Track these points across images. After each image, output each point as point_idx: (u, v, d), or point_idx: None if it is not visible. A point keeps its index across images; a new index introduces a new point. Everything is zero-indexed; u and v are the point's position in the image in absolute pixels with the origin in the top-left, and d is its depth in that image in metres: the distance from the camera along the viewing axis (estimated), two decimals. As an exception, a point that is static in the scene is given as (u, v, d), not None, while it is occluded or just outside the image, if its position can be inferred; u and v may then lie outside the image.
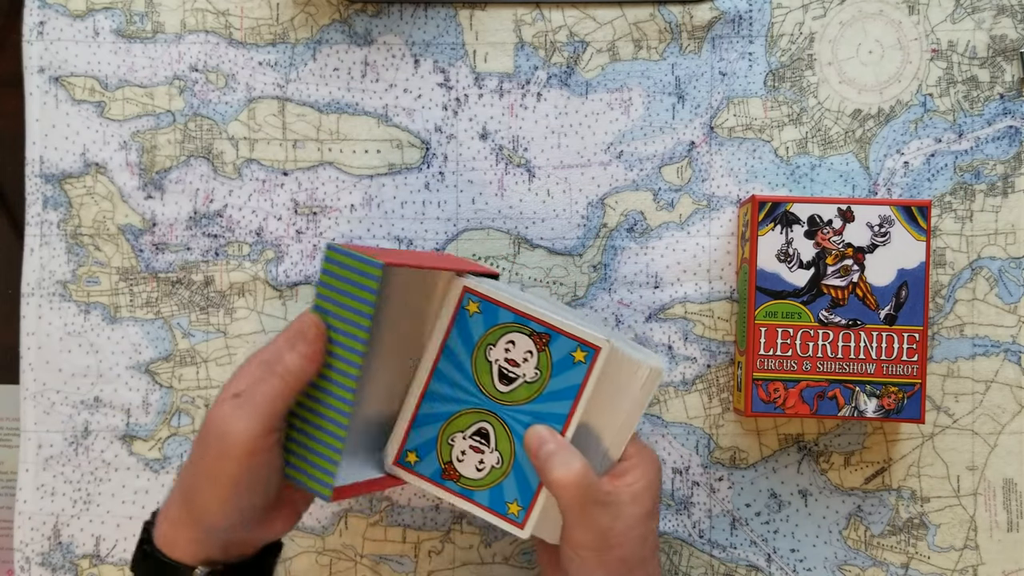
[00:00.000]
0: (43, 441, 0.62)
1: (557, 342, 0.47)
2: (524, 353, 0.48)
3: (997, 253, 0.62)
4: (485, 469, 0.51)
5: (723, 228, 0.62)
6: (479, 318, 0.47)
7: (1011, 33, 0.62)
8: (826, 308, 0.57)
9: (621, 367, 0.48)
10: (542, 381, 0.48)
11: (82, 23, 0.62)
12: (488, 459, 0.51)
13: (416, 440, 0.51)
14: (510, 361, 0.48)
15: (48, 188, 0.62)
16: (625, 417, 0.50)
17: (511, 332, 0.48)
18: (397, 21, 0.63)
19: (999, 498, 0.61)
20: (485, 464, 0.51)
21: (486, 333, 0.48)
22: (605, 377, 0.48)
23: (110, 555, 0.62)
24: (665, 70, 0.62)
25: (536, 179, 0.62)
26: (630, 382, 0.49)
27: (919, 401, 0.56)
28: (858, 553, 0.61)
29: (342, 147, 0.63)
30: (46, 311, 0.62)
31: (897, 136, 0.62)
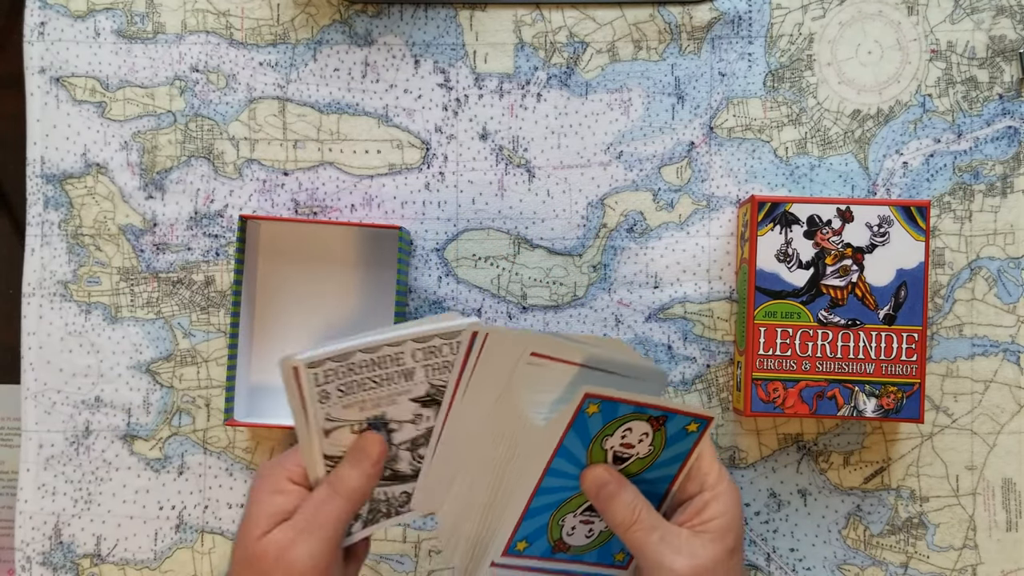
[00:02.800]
0: (44, 441, 0.62)
1: (673, 420, 0.46)
2: (640, 435, 0.47)
3: (996, 253, 0.62)
4: (594, 535, 0.50)
5: (722, 228, 0.62)
6: (597, 416, 0.45)
7: (1010, 33, 0.62)
8: (825, 308, 0.57)
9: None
10: (655, 455, 0.48)
11: (83, 23, 0.63)
12: (597, 526, 0.50)
13: (527, 529, 0.49)
14: (625, 445, 0.47)
15: (49, 188, 0.62)
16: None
17: (629, 421, 0.46)
18: (397, 22, 0.63)
19: (998, 498, 0.61)
20: (594, 531, 0.50)
21: (604, 427, 0.46)
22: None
23: (111, 554, 0.62)
24: (665, 71, 0.62)
25: (536, 179, 0.63)
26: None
27: (918, 401, 0.56)
28: (857, 552, 0.61)
29: (342, 147, 0.63)
30: (47, 311, 0.62)
31: (896, 136, 0.62)
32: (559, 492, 0.48)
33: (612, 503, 0.46)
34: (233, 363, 0.59)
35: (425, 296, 0.62)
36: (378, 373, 0.46)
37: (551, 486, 0.48)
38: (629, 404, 0.45)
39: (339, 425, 0.46)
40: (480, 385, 0.46)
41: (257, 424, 0.59)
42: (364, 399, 0.46)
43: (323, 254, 0.62)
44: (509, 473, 0.49)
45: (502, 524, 0.49)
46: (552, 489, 0.48)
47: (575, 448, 0.46)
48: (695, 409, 0.46)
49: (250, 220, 0.59)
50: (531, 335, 0.46)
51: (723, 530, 0.46)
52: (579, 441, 0.46)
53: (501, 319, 0.62)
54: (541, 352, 0.46)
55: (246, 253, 0.60)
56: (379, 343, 0.45)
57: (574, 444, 0.46)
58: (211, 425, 0.62)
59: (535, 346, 0.46)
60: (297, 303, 0.62)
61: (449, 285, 0.62)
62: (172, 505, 0.62)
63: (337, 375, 0.45)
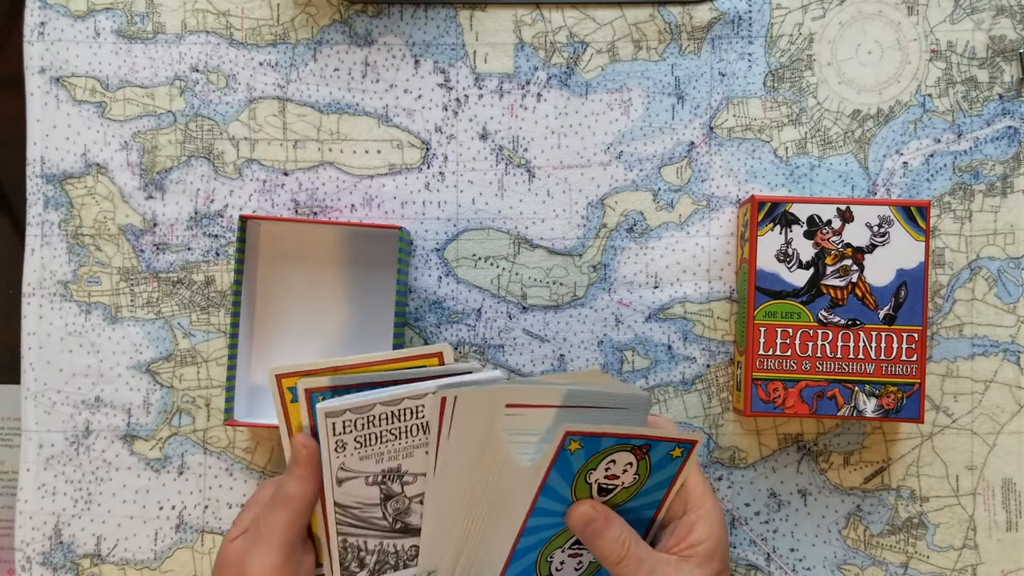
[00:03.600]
0: (44, 441, 0.62)
1: (656, 448, 0.46)
2: (624, 466, 0.46)
3: (996, 253, 0.62)
4: (583, 567, 0.50)
5: (722, 228, 0.62)
6: (580, 453, 0.45)
7: (1010, 33, 0.62)
8: (825, 308, 0.57)
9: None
10: (640, 483, 0.47)
11: (83, 24, 0.63)
12: (586, 559, 0.50)
13: (514, 571, 0.49)
14: (610, 477, 0.47)
15: (49, 188, 0.62)
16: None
17: (612, 453, 0.46)
18: (397, 22, 0.63)
19: (998, 498, 0.61)
20: (583, 563, 0.50)
21: (587, 462, 0.46)
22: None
23: (111, 554, 0.62)
24: (665, 71, 0.62)
25: (536, 179, 0.63)
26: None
27: (918, 401, 0.56)
28: (857, 552, 0.61)
29: (342, 147, 0.63)
30: (47, 311, 0.62)
31: (896, 136, 0.62)
32: (545, 530, 0.48)
33: (600, 539, 0.46)
34: (233, 363, 0.59)
35: (425, 296, 0.62)
36: (396, 426, 0.46)
37: (537, 525, 0.47)
38: (611, 437, 0.45)
39: (353, 476, 0.47)
40: (460, 442, 0.47)
41: (257, 424, 0.59)
42: (381, 451, 0.47)
43: (323, 254, 0.62)
44: (493, 518, 0.48)
45: (490, 567, 0.49)
46: (538, 528, 0.48)
47: (559, 486, 0.46)
48: (678, 434, 0.46)
49: (250, 220, 0.59)
50: (503, 389, 0.46)
51: (709, 554, 0.46)
52: (562, 479, 0.46)
53: (501, 319, 0.62)
54: (516, 402, 0.46)
55: (246, 253, 0.60)
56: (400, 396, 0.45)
57: (557, 482, 0.46)
58: (211, 425, 0.62)
59: (509, 398, 0.46)
60: (297, 303, 0.62)
61: (449, 285, 0.62)
62: (172, 505, 0.62)
63: (356, 427, 0.46)
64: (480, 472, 0.48)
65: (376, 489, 0.48)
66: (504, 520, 0.48)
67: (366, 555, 0.50)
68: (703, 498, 0.48)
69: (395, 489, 0.48)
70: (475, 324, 0.62)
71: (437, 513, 0.49)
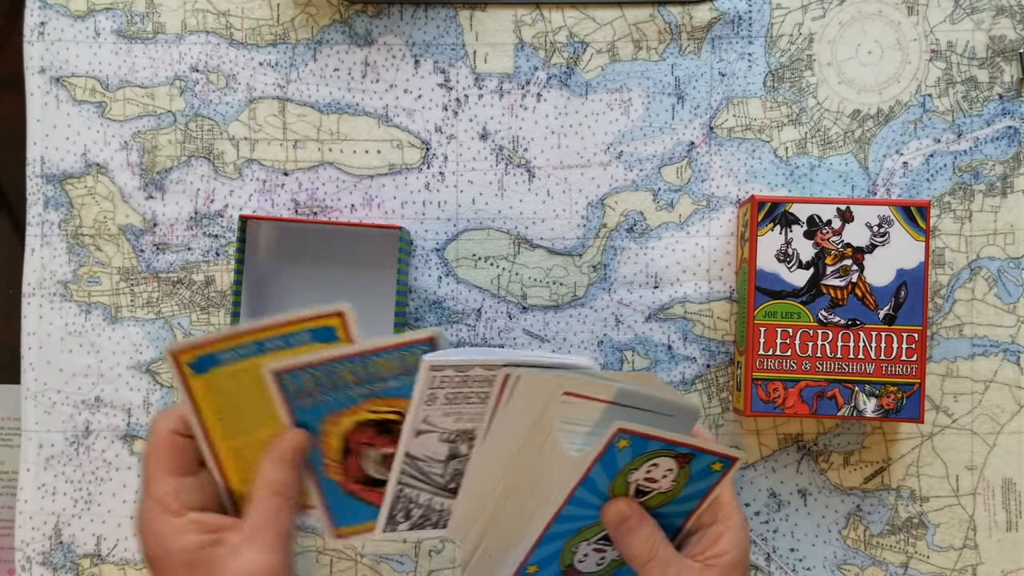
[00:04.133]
0: (44, 441, 0.62)
1: (699, 458, 0.47)
2: (665, 471, 0.47)
3: (996, 253, 0.62)
4: (605, 563, 0.51)
5: (722, 228, 0.62)
6: (627, 451, 0.45)
7: (1010, 33, 0.62)
8: (825, 308, 0.57)
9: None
10: (676, 490, 0.48)
11: (83, 24, 0.63)
12: (609, 555, 0.50)
13: (539, 555, 0.49)
14: (649, 479, 0.47)
15: (49, 188, 0.62)
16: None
17: (656, 457, 0.46)
18: (397, 22, 0.63)
19: (998, 498, 0.61)
20: (605, 559, 0.50)
21: (631, 461, 0.46)
22: None
23: (111, 554, 0.62)
24: (665, 71, 0.62)
25: (536, 179, 0.63)
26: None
27: (918, 401, 0.56)
28: (857, 552, 0.61)
29: (342, 147, 0.63)
30: (47, 311, 0.62)
31: (896, 136, 0.62)
32: (577, 520, 0.48)
33: (631, 537, 0.47)
34: None
35: (425, 296, 0.62)
36: (486, 390, 0.46)
37: (571, 514, 0.48)
38: (659, 441, 0.45)
39: (431, 430, 0.47)
40: (511, 420, 0.47)
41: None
42: (462, 412, 0.47)
43: (323, 254, 0.62)
44: (531, 499, 0.49)
45: (517, 547, 0.50)
46: (571, 517, 0.48)
47: (600, 480, 0.47)
48: (722, 449, 0.47)
49: (250, 220, 0.59)
50: (564, 376, 0.46)
51: (732, 565, 0.47)
52: (604, 474, 0.46)
53: (501, 319, 0.62)
54: (573, 391, 0.47)
55: (246, 253, 0.60)
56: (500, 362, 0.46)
57: (599, 476, 0.46)
58: (211, 425, 0.62)
59: (568, 386, 0.46)
60: (297, 303, 0.62)
61: (449, 285, 0.63)
62: (172, 505, 0.62)
63: (452, 383, 0.46)
64: (525, 453, 0.48)
65: (446, 446, 0.48)
66: (540, 504, 0.48)
67: (414, 508, 0.50)
68: (732, 511, 0.49)
69: (462, 450, 0.48)
70: (475, 324, 0.62)
71: (475, 485, 0.50)
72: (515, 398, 0.46)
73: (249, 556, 0.44)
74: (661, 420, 0.47)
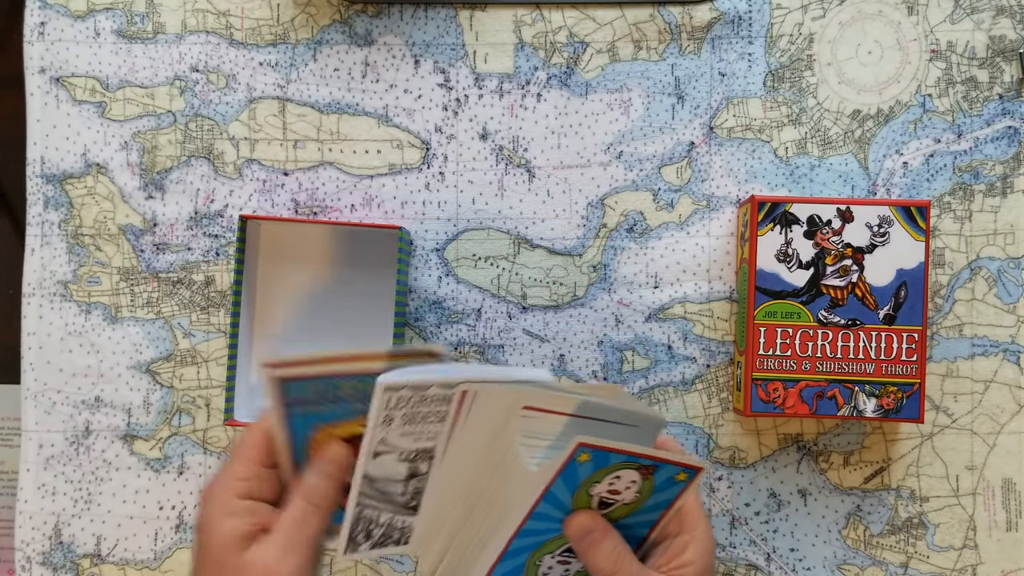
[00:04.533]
0: (44, 441, 0.62)
1: (662, 469, 0.46)
2: (628, 483, 0.46)
3: (996, 253, 0.62)
4: (570, 574, 0.50)
5: (722, 228, 0.62)
6: (588, 464, 0.45)
7: (1010, 33, 0.62)
8: (825, 308, 0.57)
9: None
10: (640, 501, 0.47)
11: (83, 24, 0.63)
12: (573, 567, 0.50)
13: (503, 569, 0.49)
14: (612, 492, 0.47)
15: (49, 188, 0.62)
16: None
17: (619, 469, 0.46)
18: (397, 22, 0.63)
19: (998, 498, 0.61)
20: (570, 571, 0.50)
21: (593, 474, 0.46)
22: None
23: (111, 554, 0.62)
24: (665, 71, 0.62)
25: (536, 179, 0.63)
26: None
27: (918, 401, 0.56)
28: (857, 552, 0.61)
29: (342, 147, 0.63)
30: (47, 311, 0.62)
31: (896, 136, 0.62)
32: (540, 535, 0.48)
33: (595, 550, 0.46)
34: (233, 363, 0.59)
35: (425, 296, 0.62)
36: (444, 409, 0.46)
37: (533, 528, 0.48)
38: (621, 453, 0.45)
39: (388, 451, 0.47)
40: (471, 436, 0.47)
41: None
42: (421, 431, 0.47)
43: (323, 254, 0.62)
44: (492, 514, 0.49)
45: (480, 562, 0.49)
46: (534, 531, 0.48)
47: (561, 494, 0.46)
48: (686, 459, 0.46)
49: (250, 220, 0.59)
50: (523, 391, 0.46)
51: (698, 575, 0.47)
52: (566, 487, 0.46)
53: (501, 319, 0.62)
54: (533, 405, 0.46)
55: (246, 253, 0.60)
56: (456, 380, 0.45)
57: (560, 490, 0.46)
58: (211, 425, 0.62)
59: (527, 400, 0.46)
60: (297, 303, 0.62)
61: (449, 285, 0.63)
62: (172, 505, 0.62)
63: (409, 403, 0.45)
64: (485, 468, 0.48)
65: (405, 466, 0.48)
66: (501, 519, 0.48)
67: (375, 528, 0.50)
68: (697, 521, 0.48)
69: (422, 469, 0.48)
70: (475, 324, 0.62)
71: (435, 501, 0.49)
72: (474, 413, 0.46)
73: (264, 551, 0.45)
74: (625, 431, 0.47)
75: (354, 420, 0.49)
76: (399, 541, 0.51)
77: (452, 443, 0.47)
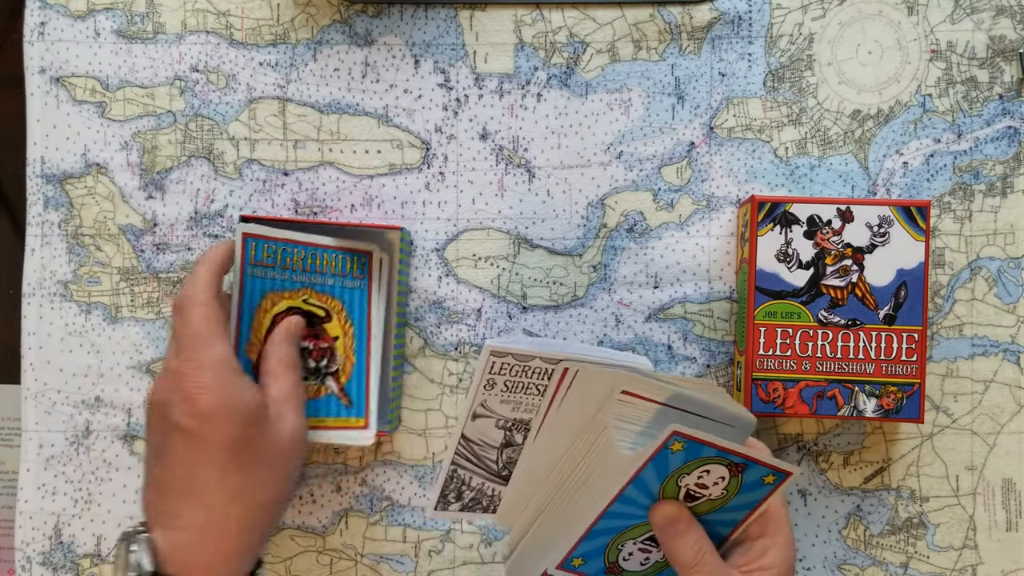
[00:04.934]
0: (44, 441, 0.62)
1: (751, 469, 0.46)
2: (716, 478, 0.47)
3: (996, 253, 0.62)
4: (649, 563, 0.51)
5: (723, 228, 0.62)
6: (680, 454, 0.45)
7: (1010, 34, 0.62)
8: (825, 308, 0.57)
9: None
10: (726, 499, 0.48)
11: (83, 24, 0.63)
12: (653, 556, 0.50)
13: (585, 548, 0.50)
14: (700, 485, 0.47)
15: (49, 188, 0.62)
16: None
17: (709, 463, 0.46)
18: (397, 22, 0.63)
19: (998, 498, 0.61)
20: (650, 560, 0.51)
21: (684, 465, 0.46)
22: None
23: (111, 554, 0.62)
24: (665, 71, 0.62)
25: (536, 179, 0.63)
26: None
27: (918, 401, 0.56)
28: (857, 552, 0.61)
29: (342, 147, 0.63)
30: (47, 311, 0.62)
31: (896, 136, 0.62)
32: (625, 519, 0.49)
33: (678, 541, 0.47)
34: None
35: (425, 296, 0.62)
36: (544, 383, 0.47)
37: (619, 512, 0.48)
38: (713, 447, 0.45)
39: (488, 415, 0.49)
40: (568, 413, 0.48)
41: None
42: (520, 401, 0.48)
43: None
44: (581, 493, 0.49)
45: (564, 538, 0.50)
46: (619, 515, 0.48)
47: (650, 481, 0.47)
48: (776, 462, 0.46)
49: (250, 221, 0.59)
50: (623, 374, 0.47)
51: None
52: (656, 475, 0.46)
53: (501, 319, 0.62)
54: (631, 391, 0.47)
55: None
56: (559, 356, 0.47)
57: (650, 477, 0.47)
58: (211, 425, 0.62)
59: (625, 384, 0.47)
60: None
61: (449, 285, 0.63)
62: (172, 505, 0.62)
63: (512, 372, 0.47)
64: (579, 448, 0.49)
65: (502, 433, 0.49)
66: (590, 498, 0.49)
67: (466, 490, 0.51)
68: (781, 526, 0.48)
69: (517, 439, 0.49)
70: (475, 324, 0.62)
71: (527, 475, 0.50)
72: (573, 391, 0.47)
73: (292, 419, 0.51)
74: (717, 427, 0.47)
75: (298, 292, 0.56)
76: (487, 508, 0.52)
77: (548, 419, 0.48)
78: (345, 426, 0.57)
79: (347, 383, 0.57)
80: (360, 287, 0.58)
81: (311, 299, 0.56)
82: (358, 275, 0.58)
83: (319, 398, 0.56)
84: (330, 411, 0.57)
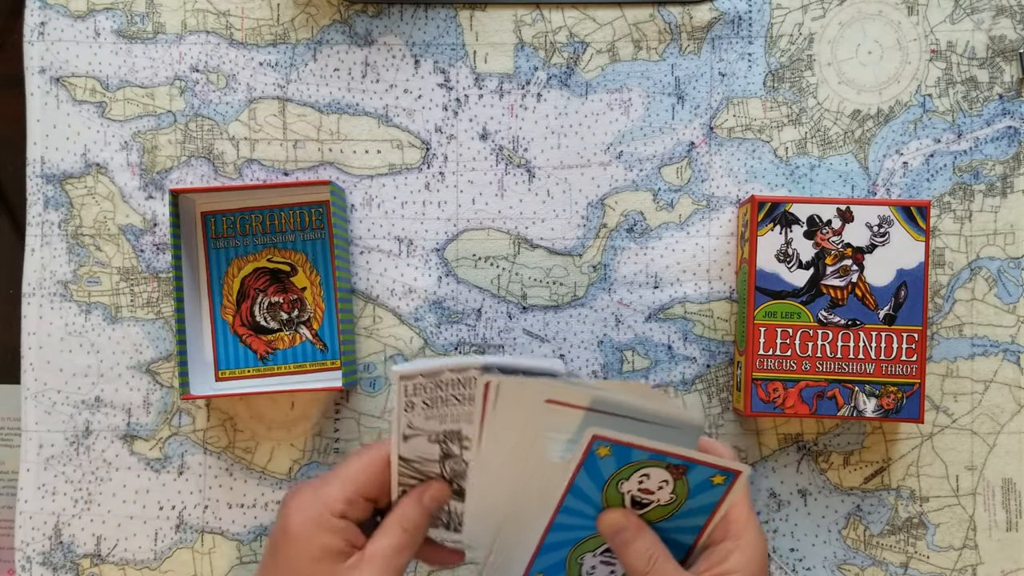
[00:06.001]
0: (44, 441, 0.62)
1: (695, 470, 0.45)
2: (659, 483, 0.46)
3: (996, 253, 0.62)
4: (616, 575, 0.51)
5: (722, 228, 0.62)
6: (610, 459, 0.45)
7: (1010, 34, 0.62)
8: (825, 308, 0.57)
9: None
10: (677, 503, 0.47)
11: (83, 24, 0.63)
12: (619, 569, 0.50)
13: (543, 564, 0.49)
14: (644, 491, 0.46)
15: (49, 188, 0.62)
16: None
17: (645, 467, 0.45)
18: (397, 22, 0.63)
19: (998, 498, 0.61)
20: (616, 572, 0.50)
21: (618, 471, 0.45)
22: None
23: (111, 554, 0.62)
24: (665, 71, 0.62)
25: (536, 179, 0.63)
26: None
27: (918, 401, 0.56)
28: (857, 552, 0.61)
29: (342, 147, 0.63)
30: (47, 311, 0.62)
31: (896, 136, 0.62)
32: (575, 530, 0.48)
33: (628, 549, 0.46)
34: (182, 336, 0.59)
35: (425, 296, 0.62)
36: (462, 392, 0.47)
37: (565, 524, 0.48)
38: (644, 450, 0.44)
39: (417, 434, 0.48)
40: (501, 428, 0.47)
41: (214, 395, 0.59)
42: (445, 414, 0.48)
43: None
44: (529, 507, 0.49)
45: (518, 553, 0.50)
46: (566, 527, 0.48)
47: (589, 489, 0.46)
48: (721, 461, 0.45)
49: (182, 195, 0.59)
50: (543, 383, 0.46)
51: None
52: (592, 483, 0.46)
53: (501, 319, 0.62)
54: (555, 399, 0.46)
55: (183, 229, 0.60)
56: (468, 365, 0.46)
57: (587, 485, 0.46)
58: (211, 425, 0.62)
59: (550, 393, 0.46)
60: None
61: (449, 285, 0.63)
62: (172, 505, 0.62)
63: (426, 390, 0.47)
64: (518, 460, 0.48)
65: (437, 447, 0.49)
66: (537, 511, 0.48)
67: None
68: (744, 529, 0.47)
69: (454, 450, 0.49)
70: (475, 324, 0.62)
71: (479, 493, 0.50)
72: (500, 406, 0.46)
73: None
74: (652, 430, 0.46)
75: (260, 254, 0.60)
76: (449, 526, 0.52)
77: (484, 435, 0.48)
78: (322, 368, 0.61)
79: (319, 329, 0.61)
80: (322, 237, 0.61)
81: (275, 257, 0.61)
82: (317, 226, 0.61)
83: (295, 346, 0.61)
84: (307, 356, 0.61)
